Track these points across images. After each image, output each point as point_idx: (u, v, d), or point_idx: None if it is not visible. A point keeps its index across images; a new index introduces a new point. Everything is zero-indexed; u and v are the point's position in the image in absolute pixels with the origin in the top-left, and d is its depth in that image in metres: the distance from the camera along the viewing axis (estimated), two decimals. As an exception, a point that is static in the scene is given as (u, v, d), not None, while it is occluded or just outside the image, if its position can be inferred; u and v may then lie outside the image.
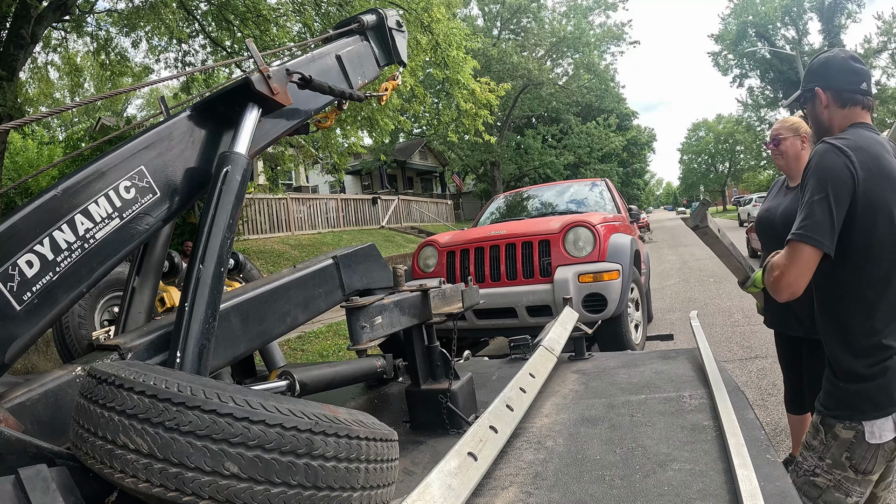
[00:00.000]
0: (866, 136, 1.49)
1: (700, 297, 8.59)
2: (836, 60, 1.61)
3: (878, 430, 1.39)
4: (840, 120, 1.59)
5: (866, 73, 1.60)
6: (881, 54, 31.21)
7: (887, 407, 1.38)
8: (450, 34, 8.51)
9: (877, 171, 1.40)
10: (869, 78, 1.62)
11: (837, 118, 1.59)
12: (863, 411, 1.40)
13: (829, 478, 1.47)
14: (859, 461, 1.42)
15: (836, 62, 1.61)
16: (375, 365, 2.31)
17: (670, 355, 2.44)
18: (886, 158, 1.44)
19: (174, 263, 2.46)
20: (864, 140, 1.46)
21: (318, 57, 2.18)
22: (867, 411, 1.40)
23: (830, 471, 1.47)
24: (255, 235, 14.15)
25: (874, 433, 1.39)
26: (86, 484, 1.03)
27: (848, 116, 1.58)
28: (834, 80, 1.59)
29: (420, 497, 1.05)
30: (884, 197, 1.40)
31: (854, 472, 1.43)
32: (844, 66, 1.59)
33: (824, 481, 1.48)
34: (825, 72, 1.62)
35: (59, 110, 1.78)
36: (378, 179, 29.92)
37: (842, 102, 1.58)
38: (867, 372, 1.40)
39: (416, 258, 4.89)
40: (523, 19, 28.56)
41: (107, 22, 9.77)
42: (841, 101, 1.58)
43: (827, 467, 1.47)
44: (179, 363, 1.35)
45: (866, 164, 1.40)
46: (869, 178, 1.39)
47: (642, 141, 43.45)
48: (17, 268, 1.25)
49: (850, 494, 1.44)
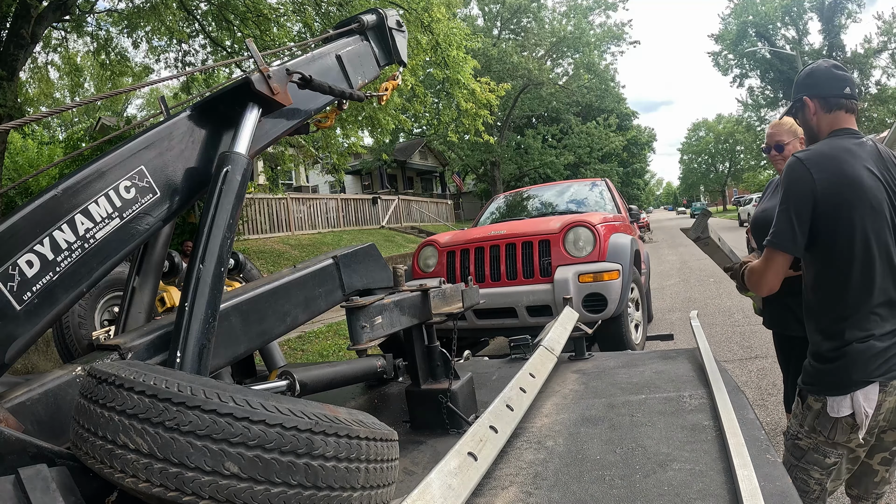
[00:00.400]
0: (837, 146, 1.64)
1: (700, 297, 8.60)
2: (820, 70, 1.77)
3: (836, 405, 1.58)
4: (826, 125, 1.73)
5: (849, 79, 1.74)
6: (881, 54, 31.18)
7: (845, 387, 1.56)
8: (450, 34, 8.50)
9: (834, 176, 1.57)
10: (852, 83, 1.75)
11: (824, 123, 1.74)
12: (826, 388, 1.61)
13: (808, 441, 1.68)
14: (823, 429, 1.63)
15: (820, 71, 1.77)
16: (375, 365, 2.31)
17: (670, 355, 2.44)
18: (850, 164, 1.59)
19: (174, 263, 2.46)
20: (832, 149, 1.63)
21: (319, 57, 2.18)
22: (829, 389, 1.60)
23: (809, 435, 1.68)
24: (255, 235, 14.15)
25: (833, 408, 1.59)
26: (86, 484, 1.03)
27: (833, 121, 1.72)
28: (819, 88, 1.74)
29: (420, 497, 1.05)
30: (845, 201, 1.56)
31: (826, 438, 1.63)
32: (828, 74, 1.75)
33: (805, 444, 1.68)
34: (811, 81, 1.77)
35: (60, 110, 1.78)
36: (378, 179, 29.91)
37: (828, 108, 1.72)
38: (830, 355, 1.60)
39: (416, 258, 4.89)
40: (523, 19, 28.55)
41: (107, 22, 9.78)
42: (827, 106, 1.72)
43: (805, 433, 1.68)
44: (179, 363, 1.35)
45: (828, 173, 1.58)
46: (829, 186, 1.57)
47: (642, 141, 43.45)
48: (17, 268, 1.25)
49: (828, 456, 1.64)
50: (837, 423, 1.59)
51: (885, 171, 1.63)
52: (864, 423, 1.57)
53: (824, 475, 1.65)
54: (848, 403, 1.56)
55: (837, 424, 1.60)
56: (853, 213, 1.55)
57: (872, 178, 1.58)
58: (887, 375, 1.54)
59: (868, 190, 1.56)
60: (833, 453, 1.64)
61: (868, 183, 1.57)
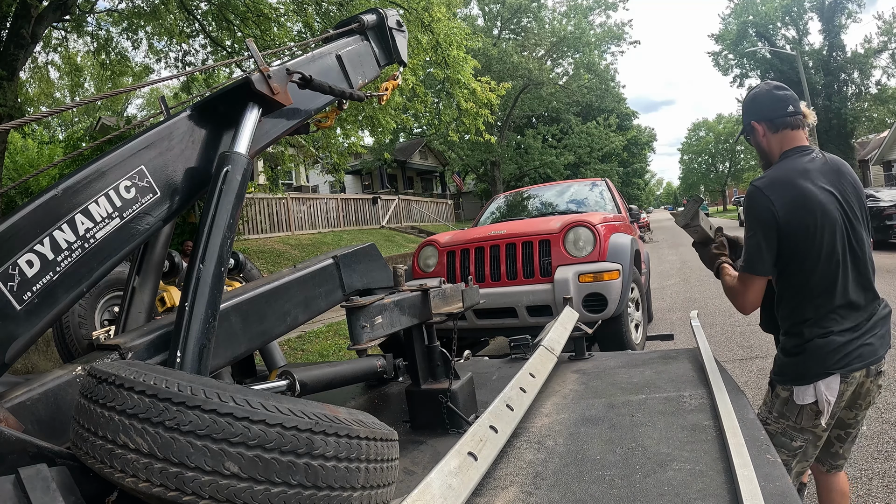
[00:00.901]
0: (789, 168, 1.77)
1: (700, 297, 8.60)
2: (763, 93, 1.89)
3: (801, 394, 1.75)
4: (776, 145, 1.86)
5: (790, 98, 1.85)
6: (881, 54, 31.17)
7: (807, 378, 1.73)
8: (450, 34, 8.50)
9: (792, 201, 1.70)
10: (794, 101, 1.85)
11: (774, 143, 1.86)
12: (792, 378, 1.78)
13: (776, 426, 1.84)
14: (791, 415, 1.80)
15: (763, 94, 1.88)
16: (375, 365, 2.31)
17: (670, 355, 2.44)
18: (803, 185, 1.71)
19: (174, 263, 2.46)
20: (786, 173, 1.76)
21: (319, 56, 2.18)
22: (795, 379, 1.77)
23: (777, 420, 1.84)
24: (256, 235, 14.15)
25: (799, 396, 1.76)
26: (86, 483, 1.03)
27: (781, 141, 1.85)
28: (764, 111, 1.86)
29: (420, 497, 1.05)
30: (800, 221, 1.70)
31: (791, 422, 1.80)
32: (770, 96, 1.86)
33: (773, 428, 1.83)
34: (756, 106, 1.89)
35: (60, 110, 1.78)
36: (378, 179, 29.92)
37: (774, 129, 1.85)
38: (794, 350, 1.77)
39: (417, 258, 4.89)
40: (523, 19, 28.54)
41: (107, 22, 9.77)
42: (773, 127, 1.85)
43: (774, 418, 1.85)
44: (179, 363, 1.35)
45: (784, 197, 1.71)
46: (786, 210, 1.70)
47: (642, 141, 43.43)
48: (17, 267, 1.25)
49: (794, 440, 1.80)
50: (803, 409, 1.76)
51: (835, 182, 1.75)
52: (826, 410, 1.72)
53: (790, 457, 1.81)
54: (811, 392, 1.73)
55: (803, 411, 1.77)
56: (813, 231, 1.69)
57: (824, 192, 1.71)
58: (847, 368, 1.69)
59: (822, 206, 1.69)
60: (799, 437, 1.80)
61: (821, 199, 1.70)
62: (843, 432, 1.90)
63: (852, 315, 1.72)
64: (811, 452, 1.83)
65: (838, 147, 30.23)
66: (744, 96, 1.98)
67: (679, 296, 9.02)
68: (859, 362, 1.70)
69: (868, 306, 1.75)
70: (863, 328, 1.72)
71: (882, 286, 6.83)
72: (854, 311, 1.72)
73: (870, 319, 1.74)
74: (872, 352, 1.72)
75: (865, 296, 1.75)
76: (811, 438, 1.79)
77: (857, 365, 1.70)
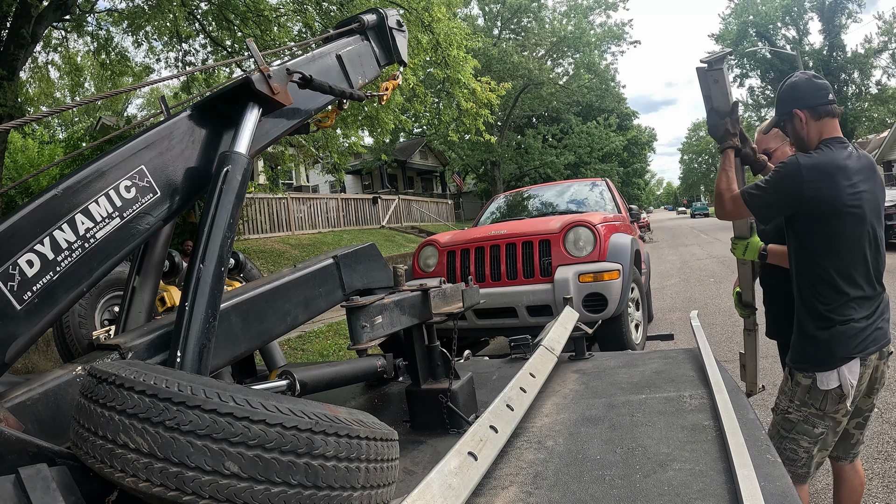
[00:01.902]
0: (832, 161, 1.82)
1: (700, 297, 8.59)
2: (802, 82, 1.94)
3: (825, 379, 1.83)
4: (816, 133, 1.91)
5: (829, 86, 1.92)
6: (882, 54, 31.17)
7: (830, 364, 1.82)
8: (450, 34, 8.50)
9: (827, 192, 1.77)
10: (831, 89, 1.93)
11: (814, 131, 1.91)
12: (815, 365, 1.86)
13: (798, 414, 1.92)
14: (815, 401, 1.87)
15: (803, 83, 1.93)
16: (376, 364, 2.31)
17: (670, 355, 2.43)
18: (840, 182, 1.78)
19: (174, 263, 2.46)
20: (829, 165, 1.81)
21: (319, 56, 2.18)
22: (818, 365, 1.85)
23: (799, 409, 1.91)
24: (256, 235, 14.15)
25: (823, 381, 1.84)
26: (86, 483, 1.03)
27: (821, 129, 1.90)
28: (806, 99, 1.90)
29: (420, 496, 1.05)
30: (831, 212, 1.78)
31: (815, 409, 1.88)
32: (811, 84, 1.92)
33: (795, 417, 1.92)
34: (797, 94, 1.93)
35: (60, 110, 1.78)
36: (378, 179, 29.91)
37: (816, 116, 1.89)
38: (817, 335, 1.84)
39: (417, 258, 4.89)
40: (524, 19, 28.54)
41: (107, 22, 9.78)
42: (816, 115, 1.89)
43: (796, 407, 1.92)
44: (180, 363, 1.34)
45: (818, 185, 1.78)
46: (816, 196, 1.78)
47: (643, 141, 43.42)
48: (17, 267, 1.25)
49: (816, 426, 1.89)
50: (827, 395, 1.84)
51: (869, 179, 1.83)
52: (850, 393, 1.83)
53: (811, 444, 1.90)
54: (835, 377, 1.82)
55: (827, 396, 1.84)
56: (838, 224, 1.79)
57: (856, 193, 1.79)
58: (865, 351, 1.82)
59: (851, 204, 1.77)
60: (821, 424, 1.88)
61: (851, 200, 1.78)
62: (861, 419, 2.01)
63: (867, 304, 1.84)
64: (830, 440, 1.91)
65: (838, 147, 30.19)
66: (781, 86, 2.03)
67: (679, 296, 9.02)
68: (874, 346, 1.83)
69: (878, 296, 1.89)
70: (875, 315, 1.85)
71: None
72: (868, 300, 1.85)
73: (878, 307, 1.88)
74: (883, 335, 1.87)
75: (876, 288, 1.88)
76: (832, 425, 1.88)
77: (872, 348, 1.83)
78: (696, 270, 11.96)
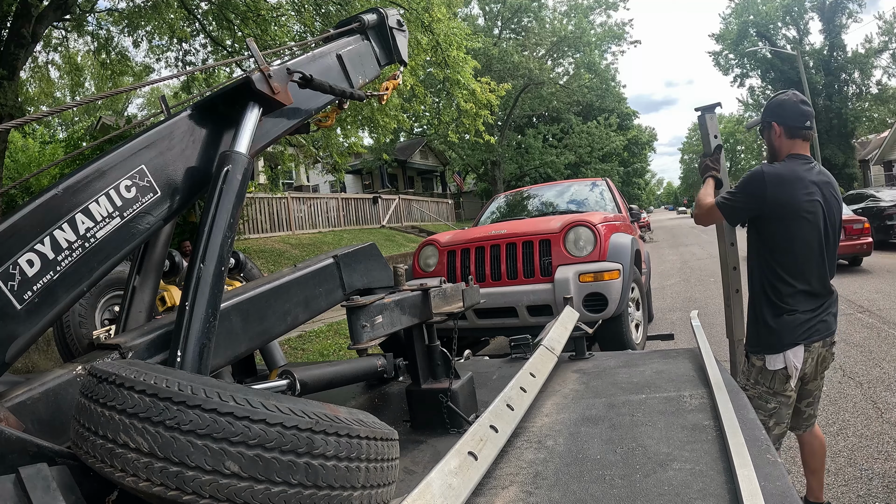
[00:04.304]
0: (793, 170, 2.11)
1: (700, 297, 8.59)
2: (790, 103, 2.19)
3: (773, 361, 2.12)
4: (786, 148, 2.20)
5: (811, 114, 2.19)
6: (882, 54, 31.14)
7: (777, 348, 2.10)
8: (450, 34, 8.50)
9: (785, 198, 2.06)
10: (812, 117, 2.19)
11: (785, 146, 2.20)
12: (765, 348, 2.14)
13: (753, 391, 2.18)
14: (765, 380, 2.16)
15: (790, 104, 2.19)
16: (376, 364, 2.31)
17: (671, 355, 2.44)
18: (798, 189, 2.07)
19: (175, 262, 2.46)
20: (790, 174, 2.10)
21: (319, 56, 2.18)
22: (767, 349, 2.13)
23: (754, 387, 2.19)
24: (256, 234, 14.15)
25: (771, 363, 2.13)
26: (86, 483, 1.03)
27: (791, 146, 2.19)
28: (787, 118, 2.17)
29: (420, 496, 1.05)
30: (787, 215, 2.07)
31: (765, 387, 2.16)
32: (796, 108, 2.18)
33: (751, 393, 2.17)
34: (781, 111, 2.20)
35: (60, 109, 1.78)
36: (379, 178, 29.90)
37: (790, 135, 2.18)
38: (769, 321, 2.12)
39: (417, 257, 4.89)
40: (524, 19, 28.53)
41: (107, 21, 9.77)
42: (790, 133, 2.18)
43: (751, 385, 2.21)
44: (180, 362, 1.34)
45: (778, 191, 2.07)
46: (776, 201, 2.07)
47: (643, 140, 43.39)
48: (17, 267, 1.25)
49: (769, 402, 2.16)
50: (775, 374, 2.13)
51: (825, 191, 2.10)
52: (794, 375, 2.11)
53: (767, 418, 2.15)
54: (781, 360, 2.10)
55: (775, 376, 2.13)
56: (794, 226, 2.07)
57: (812, 201, 2.07)
58: (809, 339, 2.09)
59: (807, 210, 2.06)
60: (773, 400, 2.16)
61: (807, 206, 2.06)
62: (811, 398, 2.30)
63: (813, 299, 2.12)
64: (784, 413, 2.18)
65: (839, 147, 30.23)
66: (773, 97, 2.31)
67: (679, 296, 9.02)
68: (818, 336, 2.11)
69: (826, 295, 2.16)
70: (820, 309, 2.13)
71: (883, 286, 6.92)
72: (814, 296, 2.12)
73: (825, 303, 2.15)
74: (827, 327, 2.14)
75: (825, 287, 2.15)
76: (783, 401, 2.16)
77: (815, 337, 2.10)
78: (697, 270, 11.96)
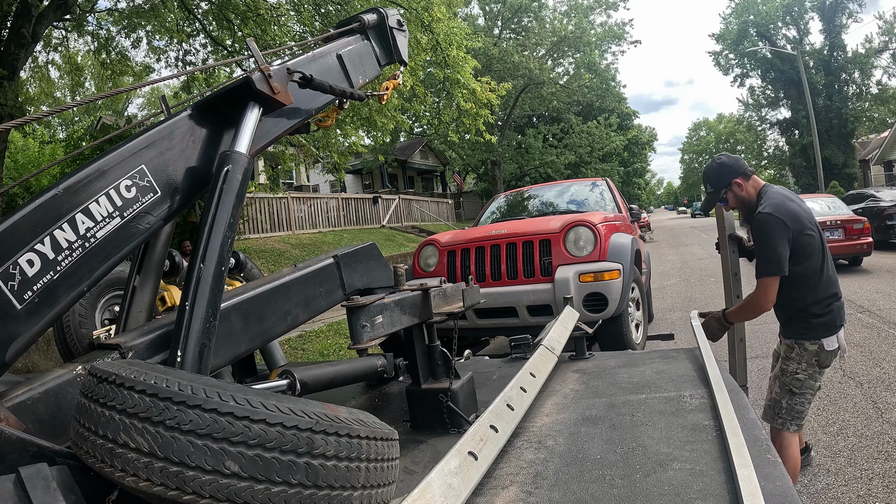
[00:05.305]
0: (778, 194, 2.45)
1: (701, 297, 8.59)
2: (727, 160, 2.56)
3: (828, 342, 2.41)
4: (752, 188, 2.53)
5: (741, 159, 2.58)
6: (882, 54, 31.13)
7: (832, 331, 2.42)
8: (450, 34, 8.49)
9: (797, 218, 2.35)
10: None
11: (750, 188, 2.53)
12: (821, 333, 2.42)
13: (806, 373, 2.45)
14: (823, 360, 2.43)
15: (728, 161, 2.56)
16: (376, 364, 2.31)
17: (671, 355, 2.44)
18: (796, 206, 2.40)
19: (175, 262, 2.46)
20: (780, 200, 2.40)
21: (319, 56, 2.18)
22: (824, 333, 2.42)
23: (807, 369, 2.45)
24: (256, 234, 14.15)
25: (829, 344, 2.41)
26: (86, 483, 1.03)
27: (754, 184, 2.53)
28: (737, 169, 2.52)
29: (420, 496, 1.05)
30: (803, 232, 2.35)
31: (819, 367, 2.44)
32: (732, 160, 2.56)
33: (803, 375, 2.45)
34: (728, 170, 2.53)
35: (60, 109, 1.78)
36: (379, 178, 29.90)
37: (747, 178, 2.52)
38: (821, 312, 2.42)
39: (417, 257, 4.89)
40: (524, 18, 28.53)
41: (107, 21, 9.77)
42: (746, 177, 2.52)
43: (804, 368, 2.45)
44: (180, 362, 1.35)
45: (791, 217, 2.34)
46: (794, 226, 2.33)
47: (643, 140, 43.40)
48: (17, 266, 1.25)
49: (817, 381, 2.47)
50: (830, 353, 2.42)
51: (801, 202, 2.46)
52: (846, 350, 2.50)
53: (813, 395, 2.48)
54: (835, 340, 2.42)
55: (830, 355, 2.43)
56: (811, 239, 2.37)
57: (805, 212, 2.40)
58: (842, 323, 2.45)
59: (809, 221, 2.38)
60: (820, 378, 2.47)
61: (806, 216, 2.39)
62: None
63: (838, 293, 2.47)
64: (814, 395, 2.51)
65: (839, 147, 30.22)
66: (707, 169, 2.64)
67: (679, 295, 9.02)
68: (842, 321, 2.47)
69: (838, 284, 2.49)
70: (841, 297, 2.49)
71: (883, 286, 6.92)
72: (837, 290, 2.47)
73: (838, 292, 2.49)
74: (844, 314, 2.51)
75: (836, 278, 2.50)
76: (821, 380, 2.49)
77: (842, 322, 2.46)
78: (697, 270, 11.96)
